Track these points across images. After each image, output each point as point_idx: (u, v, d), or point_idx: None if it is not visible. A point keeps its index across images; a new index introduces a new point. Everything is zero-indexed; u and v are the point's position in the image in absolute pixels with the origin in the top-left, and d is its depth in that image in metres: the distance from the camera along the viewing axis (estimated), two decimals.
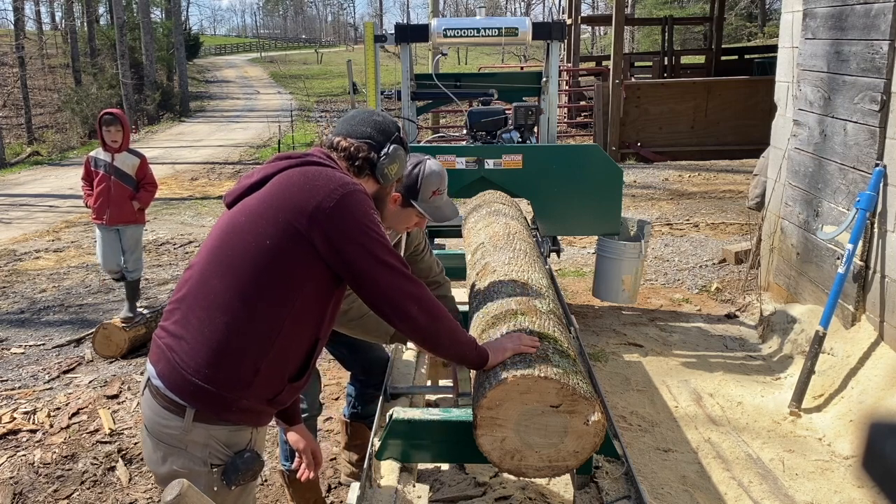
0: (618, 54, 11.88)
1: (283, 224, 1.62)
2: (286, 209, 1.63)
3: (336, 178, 1.69)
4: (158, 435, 1.68)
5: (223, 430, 1.67)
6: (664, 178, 10.48)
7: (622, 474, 2.01)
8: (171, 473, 1.66)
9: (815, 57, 4.52)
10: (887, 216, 3.77)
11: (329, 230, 1.62)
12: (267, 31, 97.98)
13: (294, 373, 1.75)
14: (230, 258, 1.66)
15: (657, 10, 31.00)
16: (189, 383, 1.63)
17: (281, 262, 1.63)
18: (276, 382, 1.71)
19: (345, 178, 1.71)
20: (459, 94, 4.91)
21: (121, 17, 23.90)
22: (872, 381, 3.64)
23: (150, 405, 1.69)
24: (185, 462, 1.67)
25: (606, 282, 4.56)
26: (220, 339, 1.62)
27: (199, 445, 1.67)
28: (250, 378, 1.65)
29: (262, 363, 1.65)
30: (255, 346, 1.64)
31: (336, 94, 28.47)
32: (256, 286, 1.63)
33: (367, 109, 1.93)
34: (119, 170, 4.92)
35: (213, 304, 1.64)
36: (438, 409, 2.22)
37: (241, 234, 1.66)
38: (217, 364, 1.62)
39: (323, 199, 1.63)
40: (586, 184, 4.27)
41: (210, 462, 1.68)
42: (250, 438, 1.73)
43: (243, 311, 1.63)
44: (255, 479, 1.73)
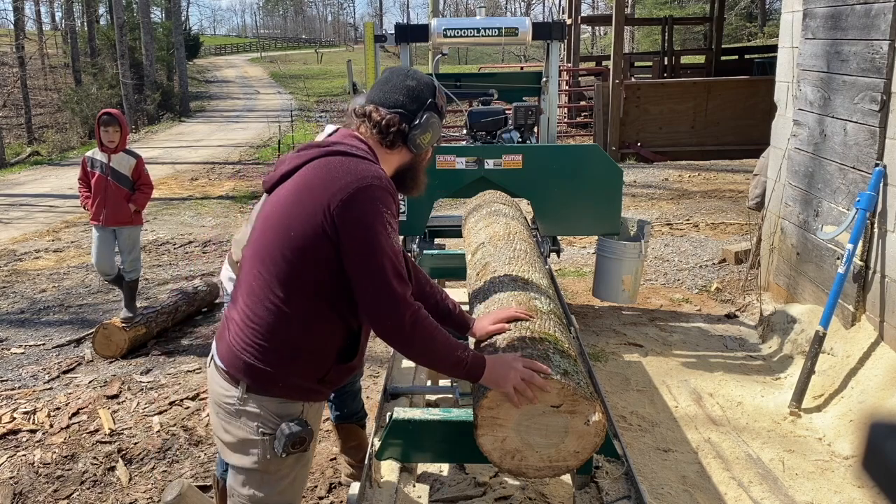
0: (618, 54, 11.88)
1: (305, 217, 1.69)
2: (307, 202, 1.69)
3: (356, 170, 1.71)
4: (220, 405, 1.82)
5: (274, 401, 1.76)
6: (664, 178, 10.48)
7: (622, 474, 2.01)
8: (232, 440, 1.81)
9: (815, 57, 4.52)
10: (887, 216, 3.77)
11: (338, 223, 1.66)
12: (267, 31, 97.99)
13: (342, 354, 1.81)
14: (266, 247, 1.75)
15: (657, 10, 31.00)
16: (239, 360, 1.76)
17: (306, 253, 1.69)
18: (321, 363, 1.78)
19: (364, 170, 1.71)
20: (459, 94, 4.91)
21: (121, 17, 23.90)
22: (872, 381, 3.65)
23: (213, 378, 1.84)
24: (240, 430, 1.80)
25: (606, 282, 4.56)
26: (262, 322, 1.74)
27: (253, 415, 1.77)
28: (293, 358, 1.75)
29: (303, 345, 1.74)
30: (294, 329, 1.73)
31: (336, 94, 28.46)
32: (288, 275, 1.71)
33: (401, 71, 1.91)
34: (115, 170, 4.91)
35: (257, 289, 1.75)
36: (438, 409, 2.23)
37: (274, 225, 1.74)
38: (261, 344, 1.74)
39: (337, 192, 1.67)
40: (586, 184, 4.27)
41: (262, 430, 1.77)
42: (301, 410, 1.79)
43: (280, 297, 1.72)
44: (305, 449, 1.79)
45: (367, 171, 1.71)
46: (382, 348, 4.68)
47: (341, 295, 1.73)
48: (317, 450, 3.56)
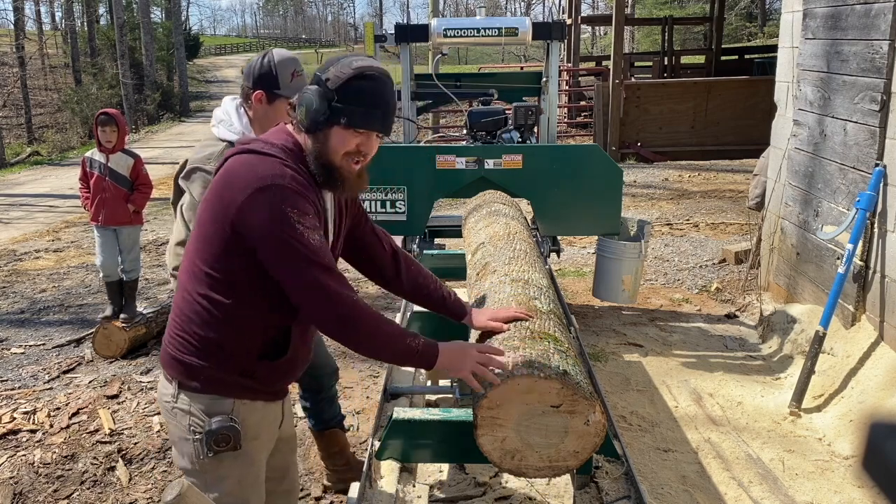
0: (618, 54, 11.88)
1: (215, 217, 1.70)
2: (216, 201, 1.71)
3: (256, 171, 1.68)
4: (161, 404, 1.84)
5: (204, 398, 1.76)
6: (664, 178, 10.48)
7: (622, 474, 2.01)
8: (174, 440, 1.83)
9: (815, 57, 4.52)
10: (887, 216, 3.77)
11: (246, 225, 1.66)
12: (267, 31, 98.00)
13: (269, 350, 1.79)
14: (191, 243, 1.78)
15: (657, 10, 31.00)
16: (167, 354, 1.81)
17: (218, 250, 1.70)
18: (243, 357, 1.77)
19: (264, 170, 1.68)
20: (459, 94, 4.91)
21: (121, 18, 23.90)
22: (872, 381, 3.65)
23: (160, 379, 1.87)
24: (176, 430, 1.81)
25: (606, 282, 4.56)
26: (184, 315, 1.76)
27: (184, 412, 1.78)
28: (213, 350, 1.75)
29: (222, 338, 1.75)
30: (212, 323, 1.74)
31: None
32: (205, 271, 1.72)
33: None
34: (114, 171, 4.91)
35: (183, 284, 1.79)
36: (438, 409, 2.23)
37: (197, 222, 1.77)
38: (182, 337, 1.76)
39: (238, 194, 1.66)
40: (586, 184, 4.27)
41: (193, 429, 1.77)
42: (232, 408, 1.77)
43: (199, 291, 1.74)
44: (234, 448, 1.76)
45: (267, 171, 1.68)
46: None
47: (258, 290, 1.72)
48: (316, 451, 3.56)
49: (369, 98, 1.72)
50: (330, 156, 1.74)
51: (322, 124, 1.72)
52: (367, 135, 1.75)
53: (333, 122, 1.71)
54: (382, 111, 1.74)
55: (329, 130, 1.72)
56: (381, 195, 4.27)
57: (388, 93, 1.76)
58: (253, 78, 2.31)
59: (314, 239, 1.67)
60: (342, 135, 1.73)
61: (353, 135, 1.73)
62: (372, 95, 1.72)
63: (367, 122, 1.73)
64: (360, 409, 3.94)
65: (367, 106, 1.72)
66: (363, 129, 1.73)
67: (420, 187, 4.26)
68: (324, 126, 1.72)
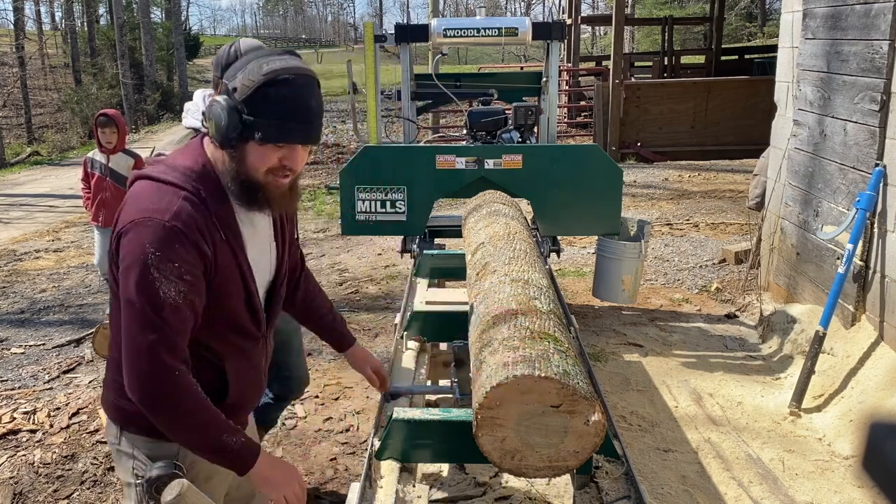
0: (618, 54, 11.88)
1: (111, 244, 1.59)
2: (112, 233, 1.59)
3: (144, 201, 1.53)
4: (108, 444, 1.76)
5: (147, 441, 1.66)
6: (664, 178, 10.48)
7: (622, 474, 2.01)
8: (122, 483, 1.75)
9: (815, 57, 4.52)
10: (887, 216, 3.77)
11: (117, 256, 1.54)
12: (267, 31, 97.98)
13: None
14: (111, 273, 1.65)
15: (657, 10, 31.00)
16: (106, 395, 1.73)
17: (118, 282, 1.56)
18: None
19: (151, 201, 1.52)
20: (459, 94, 4.91)
21: (121, 18, 23.89)
22: (872, 381, 3.65)
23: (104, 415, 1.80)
24: (121, 472, 1.73)
25: (606, 282, 4.56)
26: (116, 357, 1.61)
27: (128, 455, 1.70)
28: None
29: None
30: None
31: (336, 94, 28.43)
32: (117, 306, 1.58)
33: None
34: (114, 171, 4.92)
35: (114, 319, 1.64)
36: (438, 409, 2.22)
37: None
38: (117, 380, 1.63)
39: (119, 224, 1.54)
40: (586, 184, 4.27)
41: (136, 473, 1.68)
42: (177, 452, 1.65)
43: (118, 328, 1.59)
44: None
45: (151, 204, 1.51)
46: (382, 348, 4.69)
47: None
48: (316, 450, 3.56)
49: (285, 108, 1.50)
50: (250, 174, 1.55)
51: (235, 140, 1.52)
52: (289, 147, 1.55)
53: (247, 137, 1.51)
54: (303, 121, 1.53)
55: (244, 146, 1.53)
56: (381, 195, 4.27)
57: (307, 98, 1.54)
58: (221, 67, 2.30)
59: (166, 292, 1.48)
60: (260, 151, 1.53)
61: (273, 150, 1.54)
62: (288, 104, 1.51)
63: (286, 135, 1.52)
64: (360, 410, 3.94)
65: (284, 117, 1.51)
66: (283, 143, 1.54)
67: (420, 187, 4.26)
68: (237, 142, 1.52)
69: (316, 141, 1.61)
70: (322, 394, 4.15)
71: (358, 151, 4.30)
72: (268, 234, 1.75)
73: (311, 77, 1.56)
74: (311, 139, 1.58)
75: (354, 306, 5.58)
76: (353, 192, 4.25)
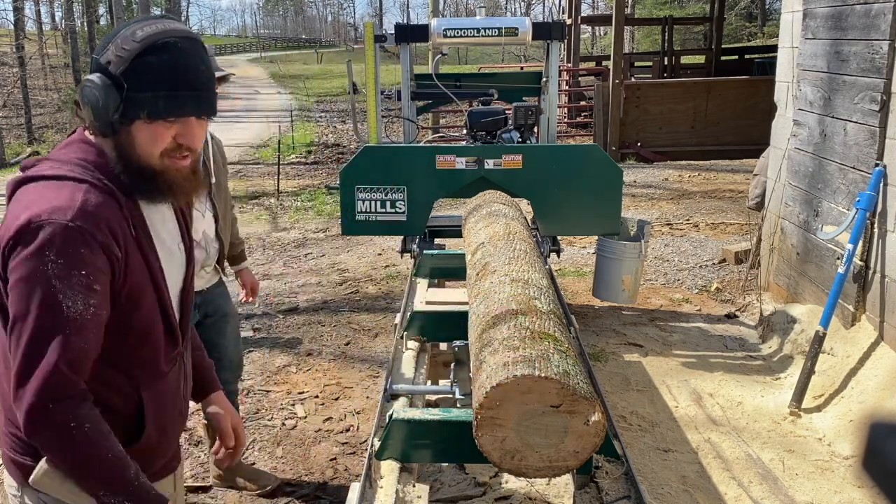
0: (618, 54, 11.88)
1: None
2: None
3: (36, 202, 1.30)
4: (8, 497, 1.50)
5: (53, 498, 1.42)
6: (664, 178, 10.48)
7: (622, 474, 2.01)
8: None
9: (815, 57, 4.52)
10: (887, 216, 3.77)
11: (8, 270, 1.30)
12: (267, 31, 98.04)
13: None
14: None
15: (657, 10, 31.01)
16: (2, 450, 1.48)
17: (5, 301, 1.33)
18: None
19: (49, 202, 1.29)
20: (459, 94, 4.91)
21: (121, 18, 23.87)
22: (872, 382, 3.65)
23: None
24: None
25: (606, 282, 4.56)
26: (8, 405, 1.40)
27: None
28: None
29: None
30: None
31: (336, 95, 28.46)
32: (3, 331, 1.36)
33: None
34: None
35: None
36: (438, 409, 2.23)
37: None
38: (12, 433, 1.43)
39: (5, 233, 1.30)
40: (586, 184, 4.27)
41: None
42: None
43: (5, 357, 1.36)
44: None
45: (48, 203, 1.28)
46: (381, 348, 4.69)
47: None
48: (316, 450, 3.56)
49: (170, 76, 1.31)
50: (143, 160, 1.35)
51: (119, 123, 1.32)
52: (182, 122, 1.35)
53: (132, 117, 1.31)
54: (194, 88, 1.33)
55: (130, 128, 1.33)
56: (381, 195, 4.27)
57: (195, 63, 1.34)
58: None
59: (71, 306, 1.28)
60: (150, 131, 1.33)
61: (164, 127, 1.34)
62: (173, 72, 1.31)
63: (177, 107, 1.32)
64: (360, 410, 3.94)
65: (172, 87, 1.31)
66: (175, 118, 1.34)
67: (420, 187, 4.26)
68: (121, 125, 1.32)
69: (212, 111, 1.40)
70: (322, 394, 4.15)
71: (358, 151, 4.30)
72: (175, 231, 1.54)
73: (195, 39, 1.37)
74: (206, 109, 1.37)
75: (354, 306, 5.58)
76: (353, 192, 4.25)
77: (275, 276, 6.38)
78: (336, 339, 4.92)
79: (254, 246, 7.39)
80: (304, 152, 14.13)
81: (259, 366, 4.49)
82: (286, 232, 8.04)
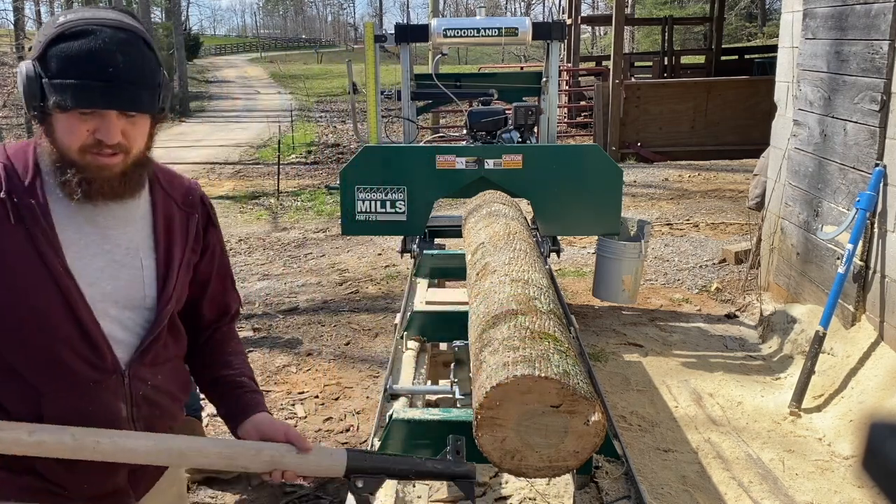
0: (618, 54, 11.88)
1: None
2: None
3: None
4: None
5: None
6: (664, 178, 10.48)
7: (622, 474, 2.01)
8: None
9: (815, 57, 4.52)
10: (887, 216, 3.77)
11: None
12: (267, 31, 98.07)
13: None
14: None
15: (657, 10, 31.00)
16: None
17: None
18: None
19: None
20: (459, 94, 4.91)
21: None
22: (872, 382, 3.65)
23: None
24: None
25: (606, 282, 4.56)
26: None
27: None
28: None
29: None
30: None
31: (336, 95, 28.46)
32: None
33: None
34: None
35: None
36: (438, 409, 2.23)
37: None
38: None
39: None
40: (586, 184, 4.27)
41: None
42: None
43: None
44: None
45: None
46: (382, 348, 4.69)
47: None
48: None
49: (79, 63, 1.22)
50: (63, 152, 1.28)
51: (39, 111, 1.27)
52: (99, 115, 1.25)
53: (51, 106, 1.24)
54: (105, 78, 1.23)
55: (51, 119, 1.26)
56: (381, 195, 4.27)
57: (110, 51, 1.24)
58: None
59: None
60: (65, 122, 1.25)
61: (78, 119, 1.25)
62: (82, 59, 1.22)
63: (85, 98, 1.23)
64: (360, 409, 3.94)
65: (81, 76, 1.22)
66: (87, 109, 1.24)
67: (420, 187, 4.26)
68: (43, 114, 1.27)
69: (130, 104, 1.27)
70: (322, 394, 4.15)
71: (358, 151, 4.30)
72: (133, 244, 1.39)
73: (125, 29, 1.27)
74: (118, 101, 1.25)
75: (354, 306, 5.58)
76: (353, 192, 4.25)
77: (275, 276, 6.38)
78: (336, 339, 4.92)
79: (254, 246, 7.40)
80: (304, 152, 14.13)
81: (259, 366, 4.49)
82: (286, 232, 8.04)
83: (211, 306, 1.59)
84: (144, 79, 1.28)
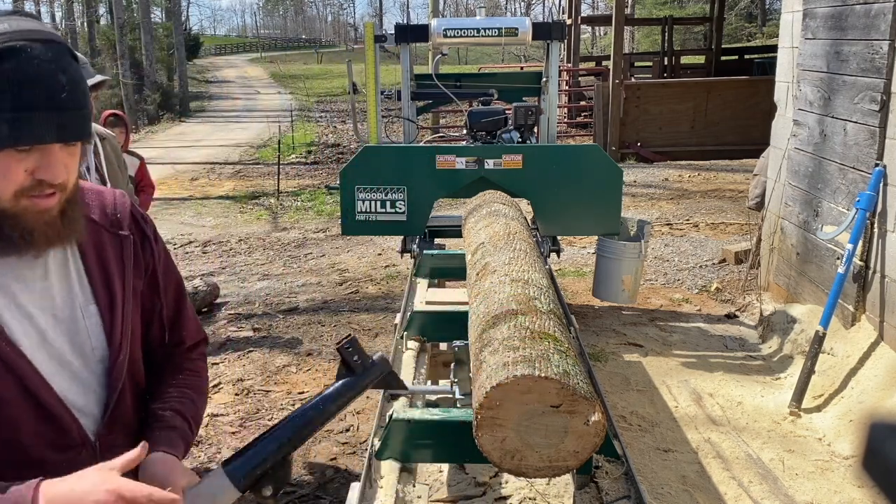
0: (618, 54, 11.88)
1: None
2: None
3: None
4: None
5: None
6: (664, 178, 10.48)
7: (622, 474, 2.01)
8: None
9: (815, 57, 4.52)
10: (887, 216, 3.77)
11: None
12: (267, 31, 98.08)
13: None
14: None
15: (657, 10, 31.01)
16: None
17: None
18: None
19: None
20: (459, 94, 4.91)
21: (121, 18, 23.91)
22: (872, 381, 3.65)
23: None
24: None
25: (606, 282, 4.56)
26: None
27: None
28: None
29: None
30: None
31: (336, 95, 28.47)
32: None
33: None
34: None
35: None
36: (438, 409, 2.23)
37: None
38: None
39: None
40: (586, 184, 4.27)
41: None
42: None
43: None
44: None
45: None
46: (381, 348, 4.69)
47: None
48: (316, 450, 3.56)
49: (16, 91, 0.99)
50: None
51: None
52: (39, 151, 1.04)
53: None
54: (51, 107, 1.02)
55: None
56: (381, 195, 4.27)
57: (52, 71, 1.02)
58: None
59: None
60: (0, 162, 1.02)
61: (15, 158, 1.02)
62: (22, 85, 1.00)
63: (29, 132, 1.01)
64: (360, 409, 3.94)
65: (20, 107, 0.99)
66: (26, 145, 1.02)
67: (420, 187, 4.26)
68: None
69: (79, 134, 1.07)
70: None
71: (358, 151, 4.30)
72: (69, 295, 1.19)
73: (53, 42, 1.05)
74: (70, 133, 1.05)
75: (354, 306, 5.58)
76: (353, 192, 4.25)
77: (275, 276, 6.38)
78: (336, 339, 4.92)
79: (254, 246, 7.39)
80: (304, 152, 14.13)
81: (259, 366, 4.49)
82: (286, 232, 8.04)
83: (159, 327, 1.38)
84: (86, 101, 1.09)
